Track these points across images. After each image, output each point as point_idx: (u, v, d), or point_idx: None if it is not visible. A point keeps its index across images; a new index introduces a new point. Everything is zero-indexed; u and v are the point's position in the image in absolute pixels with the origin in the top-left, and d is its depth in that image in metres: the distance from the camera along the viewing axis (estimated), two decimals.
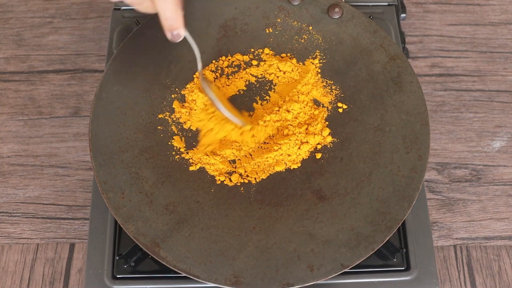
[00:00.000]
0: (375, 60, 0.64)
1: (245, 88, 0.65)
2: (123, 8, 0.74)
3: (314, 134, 0.61)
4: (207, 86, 0.60)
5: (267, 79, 0.65)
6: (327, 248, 0.54)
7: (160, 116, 0.62)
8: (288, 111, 0.62)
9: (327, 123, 0.62)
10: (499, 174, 0.75)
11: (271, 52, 0.67)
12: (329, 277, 0.53)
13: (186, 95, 0.64)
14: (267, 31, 0.68)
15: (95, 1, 0.88)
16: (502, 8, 0.88)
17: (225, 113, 0.60)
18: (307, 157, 0.60)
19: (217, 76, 0.66)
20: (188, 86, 0.64)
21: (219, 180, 0.59)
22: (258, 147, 0.61)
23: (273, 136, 0.61)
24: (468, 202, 0.73)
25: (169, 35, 0.53)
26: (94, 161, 0.57)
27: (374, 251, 0.54)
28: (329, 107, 0.63)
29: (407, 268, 0.60)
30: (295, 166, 0.60)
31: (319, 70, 0.65)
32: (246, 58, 0.66)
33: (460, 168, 0.75)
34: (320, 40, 0.67)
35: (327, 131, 0.61)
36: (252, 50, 0.67)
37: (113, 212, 0.55)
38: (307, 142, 0.60)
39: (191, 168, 0.60)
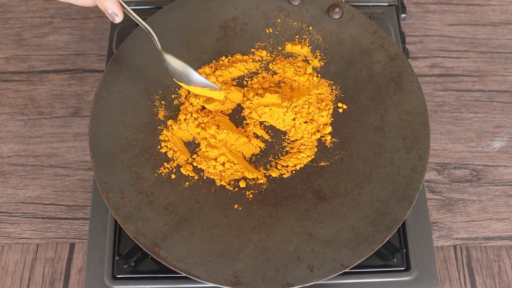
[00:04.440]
0: (375, 60, 0.64)
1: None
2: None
3: (320, 110, 0.62)
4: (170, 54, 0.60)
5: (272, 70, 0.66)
6: (327, 248, 0.54)
7: (160, 116, 0.62)
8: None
9: (332, 119, 0.62)
10: (499, 174, 0.75)
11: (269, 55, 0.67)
12: (329, 277, 0.53)
13: (183, 94, 0.64)
14: (267, 31, 0.68)
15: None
16: (502, 8, 0.88)
17: (198, 78, 0.59)
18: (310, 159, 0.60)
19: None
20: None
21: (219, 183, 0.59)
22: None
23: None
24: (468, 202, 0.73)
25: (108, 16, 0.56)
26: (94, 161, 0.57)
27: (374, 251, 0.54)
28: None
29: (407, 268, 0.60)
30: (300, 165, 0.60)
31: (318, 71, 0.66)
32: (246, 58, 0.66)
33: (460, 168, 0.75)
34: (320, 40, 0.67)
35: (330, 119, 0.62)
36: (253, 50, 0.67)
37: (113, 212, 0.55)
38: (312, 119, 0.61)
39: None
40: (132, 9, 0.74)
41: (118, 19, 0.56)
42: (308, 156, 0.60)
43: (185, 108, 0.63)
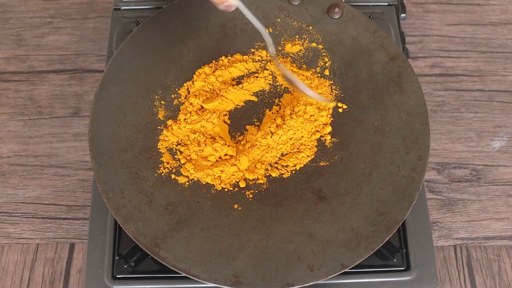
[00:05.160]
0: (375, 60, 0.64)
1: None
2: (123, 8, 0.74)
3: (320, 110, 0.62)
4: (285, 68, 0.60)
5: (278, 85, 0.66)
6: (327, 248, 0.54)
7: (160, 116, 0.62)
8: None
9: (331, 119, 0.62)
10: (499, 174, 0.75)
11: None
12: (329, 277, 0.53)
13: (183, 94, 0.64)
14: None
15: (95, 1, 0.88)
16: (502, 8, 0.88)
17: (308, 91, 0.59)
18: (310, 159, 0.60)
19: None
20: (185, 84, 0.64)
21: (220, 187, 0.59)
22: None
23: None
24: (468, 202, 0.73)
25: (221, 7, 0.54)
26: (94, 161, 0.57)
27: (374, 251, 0.54)
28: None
29: (407, 268, 0.60)
30: (300, 164, 0.60)
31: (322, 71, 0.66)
32: (246, 57, 0.66)
33: (460, 168, 0.75)
34: (320, 40, 0.67)
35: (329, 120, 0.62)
36: (252, 50, 0.67)
37: (113, 212, 0.55)
38: (313, 119, 0.61)
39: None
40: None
41: (233, 9, 0.55)
42: (308, 156, 0.60)
43: (185, 108, 0.63)
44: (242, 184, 0.59)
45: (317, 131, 0.61)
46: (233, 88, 0.64)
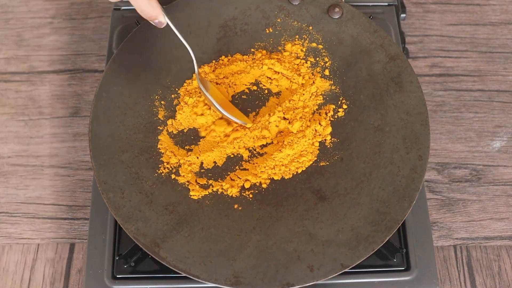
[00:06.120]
0: (375, 60, 0.64)
1: (247, 91, 0.65)
2: (123, 8, 0.74)
3: (321, 112, 0.62)
4: (204, 87, 0.60)
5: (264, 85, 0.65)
6: (327, 248, 0.54)
7: (160, 116, 0.62)
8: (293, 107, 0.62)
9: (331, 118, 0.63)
10: (499, 174, 0.75)
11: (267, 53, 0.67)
12: (329, 277, 0.53)
13: (182, 94, 0.64)
14: (267, 31, 0.68)
15: (95, 1, 0.88)
16: (502, 8, 0.88)
17: (224, 113, 0.60)
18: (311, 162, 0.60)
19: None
20: (185, 84, 0.64)
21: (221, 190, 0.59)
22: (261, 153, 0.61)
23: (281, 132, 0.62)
24: (468, 202, 0.73)
25: (153, 23, 0.58)
26: (94, 161, 0.57)
27: (374, 251, 0.54)
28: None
29: (407, 268, 0.60)
30: (300, 169, 0.60)
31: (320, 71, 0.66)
32: (246, 57, 0.66)
33: (460, 168, 0.75)
34: (320, 40, 0.67)
35: (329, 128, 0.62)
36: (252, 50, 0.67)
37: (113, 212, 0.55)
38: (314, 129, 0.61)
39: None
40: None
41: (163, 26, 0.59)
42: (310, 160, 0.60)
43: (181, 108, 0.63)
44: (247, 185, 0.59)
45: (319, 134, 0.61)
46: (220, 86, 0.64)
